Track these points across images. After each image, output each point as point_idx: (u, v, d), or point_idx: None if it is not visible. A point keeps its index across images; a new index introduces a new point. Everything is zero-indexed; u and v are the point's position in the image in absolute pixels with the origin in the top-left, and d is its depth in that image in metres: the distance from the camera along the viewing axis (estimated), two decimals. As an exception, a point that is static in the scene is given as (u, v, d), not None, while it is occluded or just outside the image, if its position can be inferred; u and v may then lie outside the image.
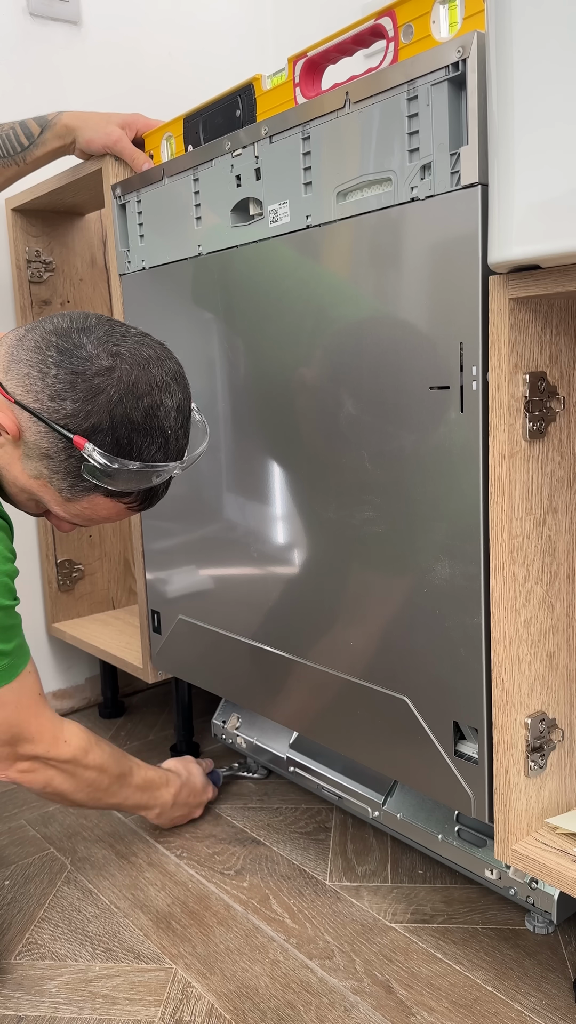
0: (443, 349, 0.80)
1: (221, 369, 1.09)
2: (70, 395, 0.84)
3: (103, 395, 0.85)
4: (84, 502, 0.91)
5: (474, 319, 0.77)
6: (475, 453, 0.79)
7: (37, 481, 0.90)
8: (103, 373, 0.85)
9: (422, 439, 0.84)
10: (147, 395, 0.86)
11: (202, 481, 1.16)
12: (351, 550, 0.94)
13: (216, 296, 1.08)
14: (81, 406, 0.84)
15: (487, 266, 0.74)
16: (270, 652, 1.08)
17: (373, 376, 0.88)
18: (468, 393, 0.78)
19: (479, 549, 0.80)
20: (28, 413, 0.86)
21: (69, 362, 0.85)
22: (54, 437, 0.86)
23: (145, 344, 0.89)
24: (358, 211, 0.86)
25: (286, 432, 1.01)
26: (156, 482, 0.90)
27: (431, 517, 0.84)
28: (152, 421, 0.87)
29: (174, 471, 0.90)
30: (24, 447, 0.88)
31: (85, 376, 0.85)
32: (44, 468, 0.88)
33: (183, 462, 0.92)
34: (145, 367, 0.87)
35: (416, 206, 0.80)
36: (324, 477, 0.96)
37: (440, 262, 0.79)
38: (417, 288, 0.82)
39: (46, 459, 0.88)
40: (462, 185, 0.75)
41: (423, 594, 0.87)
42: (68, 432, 0.85)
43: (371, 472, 0.90)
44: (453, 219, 0.77)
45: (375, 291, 0.86)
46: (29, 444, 0.88)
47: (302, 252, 0.94)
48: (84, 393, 0.84)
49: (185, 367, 1.15)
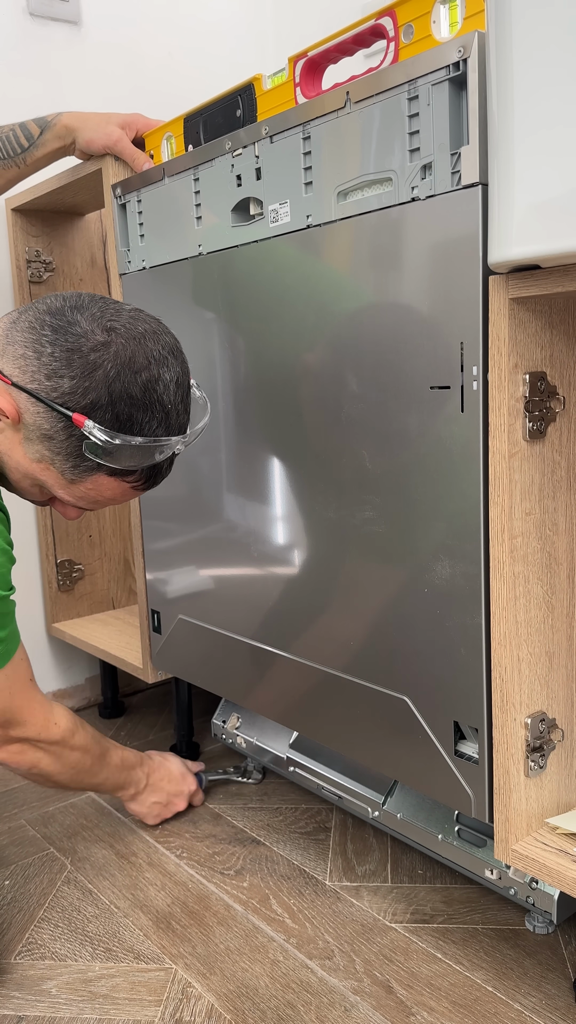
0: (443, 349, 0.80)
1: (222, 369, 1.09)
2: (67, 372, 0.84)
3: (100, 370, 0.84)
4: (88, 483, 0.90)
5: (475, 319, 0.77)
6: (475, 453, 0.79)
7: (39, 464, 0.89)
8: (99, 348, 0.84)
9: (422, 439, 0.84)
10: (144, 369, 0.85)
11: (202, 481, 1.16)
12: (351, 550, 0.94)
13: (217, 296, 1.08)
14: (79, 383, 0.83)
15: (488, 266, 0.74)
16: (270, 652, 1.08)
17: (374, 376, 0.88)
18: (468, 393, 0.78)
19: (479, 549, 0.80)
20: (26, 394, 0.85)
21: (64, 339, 0.84)
22: (53, 416, 0.85)
23: (140, 319, 0.88)
24: (359, 211, 0.86)
25: (286, 432, 1.01)
26: (159, 458, 0.88)
27: (431, 517, 0.84)
28: (151, 395, 0.86)
29: (176, 446, 0.89)
30: (24, 430, 0.88)
31: (81, 352, 0.84)
32: (46, 450, 0.88)
33: (185, 437, 0.90)
34: (141, 341, 0.86)
35: (417, 206, 0.80)
36: (325, 477, 0.96)
37: (441, 262, 0.79)
38: (417, 288, 0.82)
39: (47, 440, 0.87)
40: (463, 185, 0.75)
41: (423, 594, 0.87)
42: (67, 410, 0.84)
43: (371, 472, 0.90)
44: (454, 219, 0.77)
45: (376, 291, 0.86)
46: (29, 426, 0.87)
47: (303, 252, 0.94)
48: (81, 369, 0.84)
49: None
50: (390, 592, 0.91)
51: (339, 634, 0.98)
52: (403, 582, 0.89)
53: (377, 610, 0.92)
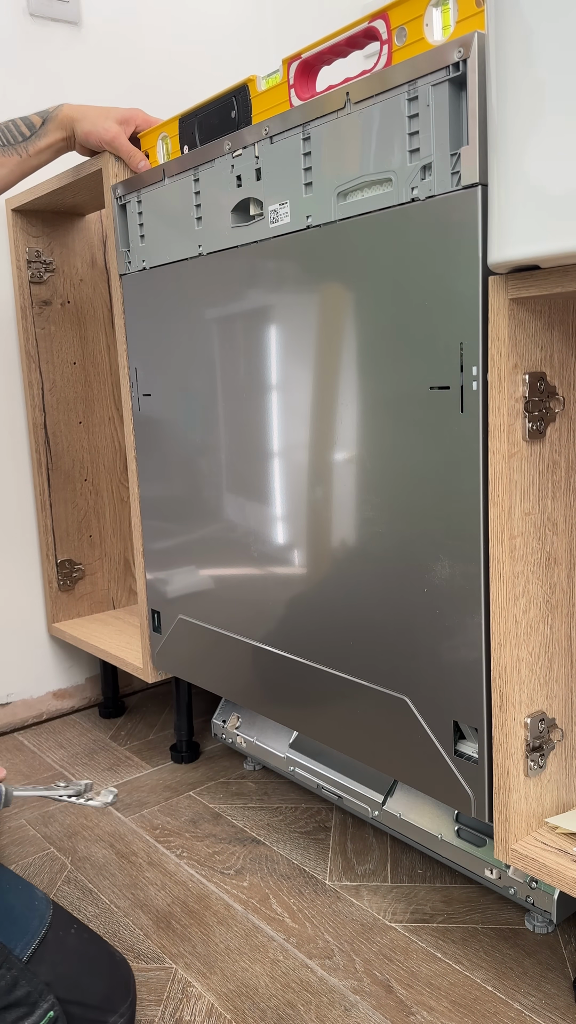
0: (443, 349, 0.80)
1: (221, 369, 1.09)
2: None
3: None
4: None
5: (474, 319, 0.77)
6: (475, 453, 0.79)
7: None
8: None
9: (422, 439, 0.84)
10: None
11: (202, 481, 1.16)
12: (351, 550, 0.95)
13: (217, 296, 1.08)
14: None
15: (487, 266, 0.74)
16: (270, 652, 1.09)
17: (374, 376, 0.88)
18: (468, 393, 0.78)
19: (479, 549, 0.80)
20: None
21: None
22: None
23: None
24: (359, 211, 0.86)
25: (286, 432, 1.01)
26: None
27: (431, 517, 0.84)
28: None
29: None
30: None
31: None
32: None
33: None
34: None
35: (417, 206, 0.80)
36: (324, 477, 0.96)
37: (440, 262, 0.79)
38: (417, 288, 0.82)
39: None
40: (462, 185, 0.75)
41: (423, 594, 0.87)
42: None
43: (371, 472, 0.90)
44: (453, 219, 0.77)
45: (376, 291, 0.86)
46: None
47: (303, 252, 0.94)
48: None
49: (185, 367, 1.16)
50: (390, 592, 0.91)
51: (339, 634, 0.98)
52: (403, 582, 0.89)
53: (377, 610, 0.92)
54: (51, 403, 1.58)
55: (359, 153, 0.85)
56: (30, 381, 1.55)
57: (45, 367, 1.57)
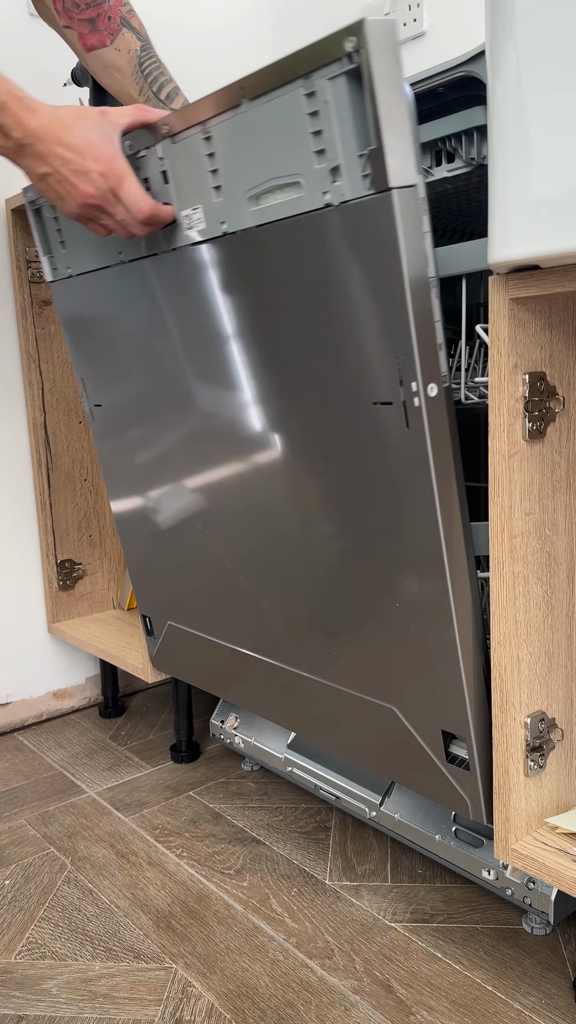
0: (378, 364, 0.75)
1: (160, 379, 1.03)
2: None
3: None
4: None
5: (406, 331, 0.71)
6: (426, 470, 0.75)
7: None
8: None
9: (375, 456, 0.80)
10: None
11: (167, 496, 1.12)
12: (323, 565, 0.92)
13: (142, 305, 1.00)
14: None
15: (412, 277, 0.69)
16: (259, 659, 1.08)
17: (318, 392, 0.83)
18: (412, 409, 0.74)
19: (443, 565, 0.78)
20: None
21: None
22: None
23: None
24: (274, 217, 0.79)
25: (240, 446, 0.96)
26: None
27: (392, 533, 0.82)
28: None
29: None
30: None
31: None
32: None
33: None
34: None
35: (331, 212, 0.73)
36: (283, 490, 0.92)
37: (363, 274, 0.73)
38: (346, 300, 0.75)
39: None
40: (376, 190, 0.68)
41: (395, 608, 0.85)
42: None
43: (328, 489, 0.87)
44: (372, 226, 0.70)
45: (304, 303, 0.79)
46: None
47: (223, 261, 0.86)
48: None
49: (128, 380, 1.08)
50: (365, 606, 0.89)
51: (323, 645, 0.97)
52: (376, 597, 0.87)
53: (355, 623, 0.91)
54: (51, 403, 1.58)
55: (263, 154, 0.77)
56: (30, 381, 1.55)
57: (45, 367, 1.57)
